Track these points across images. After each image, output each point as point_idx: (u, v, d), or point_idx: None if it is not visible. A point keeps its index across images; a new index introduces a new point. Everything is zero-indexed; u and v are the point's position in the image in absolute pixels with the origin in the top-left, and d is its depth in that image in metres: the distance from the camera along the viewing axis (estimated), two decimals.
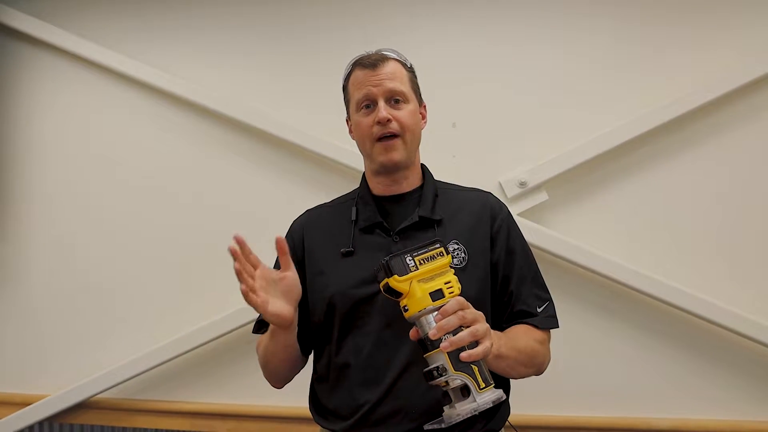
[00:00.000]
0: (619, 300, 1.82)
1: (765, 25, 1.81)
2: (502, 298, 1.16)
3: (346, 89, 1.21)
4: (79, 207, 2.15)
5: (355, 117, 1.17)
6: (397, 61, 1.17)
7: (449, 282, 0.96)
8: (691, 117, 1.81)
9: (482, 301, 1.11)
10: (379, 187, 1.20)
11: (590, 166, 1.85)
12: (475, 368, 0.91)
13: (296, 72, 2.06)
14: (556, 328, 1.18)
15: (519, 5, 1.94)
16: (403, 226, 1.13)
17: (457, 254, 1.11)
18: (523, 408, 1.41)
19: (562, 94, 1.90)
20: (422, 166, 1.24)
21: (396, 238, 1.13)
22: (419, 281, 0.94)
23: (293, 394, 1.32)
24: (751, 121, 1.80)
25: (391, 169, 1.16)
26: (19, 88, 2.21)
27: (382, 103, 1.13)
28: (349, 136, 1.24)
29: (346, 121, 1.24)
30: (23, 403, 2.06)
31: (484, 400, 0.90)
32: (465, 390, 0.91)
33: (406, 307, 0.94)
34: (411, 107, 1.16)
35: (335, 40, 2.03)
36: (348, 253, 1.14)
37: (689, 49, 1.84)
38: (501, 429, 1.14)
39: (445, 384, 0.91)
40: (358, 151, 1.22)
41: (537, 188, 1.85)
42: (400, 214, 1.16)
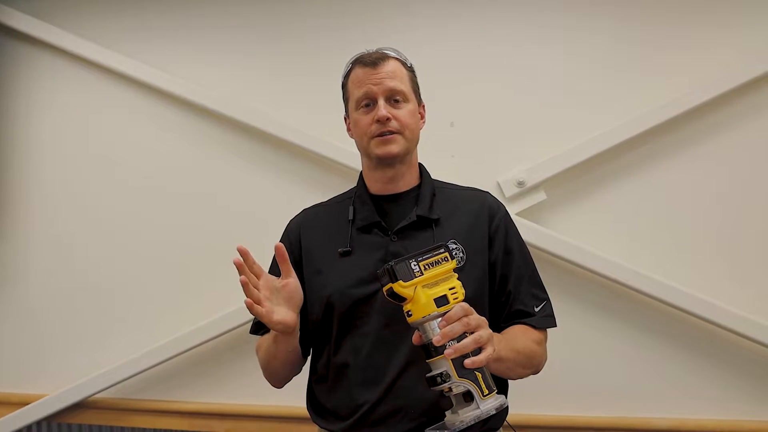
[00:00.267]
0: (618, 300, 1.82)
1: (764, 25, 1.81)
2: (500, 298, 1.16)
3: (345, 87, 1.21)
4: (77, 206, 2.15)
5: (354, 115, 1.17)
6: (397, 60, 1.17)
7: (453, 288, 0.95)
8: (691, 116, 1.81)
9: (480, 300, 1.11)
10: (376, 185, 1.20)
11: (589, 165, 1.85)
12: (478, 375, 0.90)
13: (296, 72, 2.06)
14: (554, 328, 1.18)
15: (517, 5, 1.94)
16: (401, 226, 1.13)
17: (456, 254, 1.11)
18: (522, 408, 1.42)
19: (560, 93, 1.90)
20: (420, 166, 1.24)
21: (394, 238, 1.13)
22: (423, 286, 0.93)
23: (291, 394, 1.32)
24: (751, 120, 1.80)
25: (389, 162, 1.15)
26: (18, 88, 2.20)
27: (381, 102, 1.12)
28: (347, 133, 1.23)
29: (345, 118, 1.24)
30: (21, 403, 2.06)
31: (488, 407, 0.90)
32: (468, 396, 0.91)
33: (410, 312, 0.93)
34: (410, 107, 1.16)
35: (335, 40, 2.03)
36: (346, 253, 1.14)
37: (688, 48, 1.84)
38: (499, 428, 1.14)
39: (448, 390, 0.91)
40: (357, 151, 1.22)
41: (535, 188, 1.85)
42: (397, 214, 1.16)
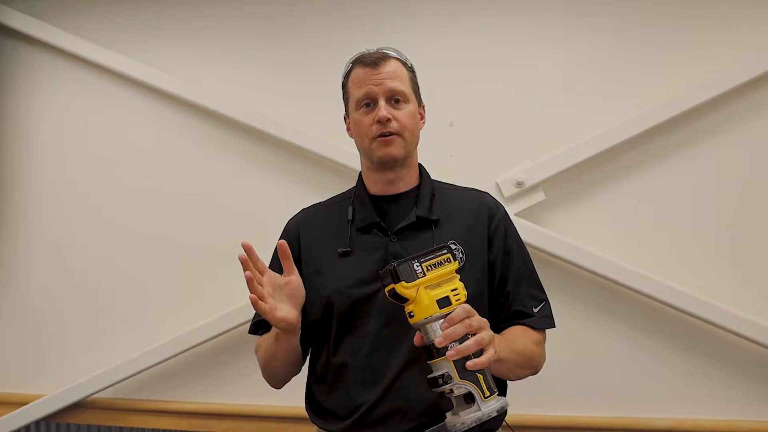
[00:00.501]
0: (617, 300, 1.82)
1: (764, 25, 1.80)
2: (499, 299, 1.16)
3: (345, 86, 1.21)
4: (77, 206, 2.14)
5: (355, 115, 1.17)
6: (398, 60, 1.17)
7: (456, 289, 0.95)
8: (690, 116, 1.81)
9: (479, 301, 1.11)
10: (376, 186, 1.19)
11: (588, 165, 1.85)
12: (480, 376, 0.91)
13: (295, 72, 2.06)
14: (553, 328, 1.18)
15: (517, 5, 1.94)
16: (400, 226, 1.13)
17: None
18: (521, 408, 1.42)
19: (560, 93, 1.90)
20: (419, 166, 1.24)
21: (393, 238, 1.13)
22: (426, 288, 0.93)
23: (290, 394, 1.32)
24: (751, 120, 1.80)
25: (389, 165, 1.15)
26: (17, 88, 2.20)
27: (382, 103, 1.12)
28: (347, 133, 1.23)
29: (344, 118, 1.24)
30: (20, 403, 2.06)
31: (489, 409, 0.90)
32: (469, 397, 0.91)
33: (412, 314, 0.93)
34: (411, 108, 1.15)
35: (334, 40, 2.03)
36: (345, 253, 1.14)
37: (688, 48, 1.84)
38: (498, 429, 1.14)
39: (449, 391, 0.91)
40: (356, 152, 1.22)
41: (534, 188, 1.85)
42: (397, 214, 1.16)
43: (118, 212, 2.12)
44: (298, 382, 1.23)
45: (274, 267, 1.12)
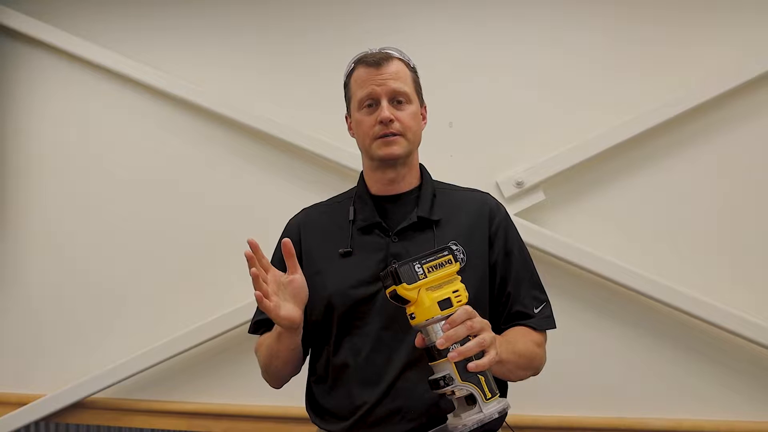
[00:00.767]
0: (617, 300, 1.82)
1: (764, 25, 1.81)
2: (500, 300, 1.16)
3: (347, 86, 1.20)
4: (77, 206, 2.14)
5: (357, 115, 1.16)
6: (401, 60, 1.16)
7: (457, 290, 0.95)
8: (690, 116, 1.81)
9: (480, 302, 1.11)
10: (377, 186, 1.19)
11: (588, 165, 1.85)
12: (481, 378, 0.90)
13: (296, 72, 2.06)
14: (554, 329, 1.18)
15: (517, 5, 1.94)
16: (401, 227, 1.13)
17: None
18: (521, 408, 1.41)
19: (560, 93, 1.90)
20: (420, 166, 1.24)
21: (394, 239, 1.13)
22: (427, 289, 0.93)
23: (288, 394, 1.32)
24: (751, 120, 1.80)
25: (391, 164, 1.15)
26: (18, 89, 2.20)
27: (385, 103, 1.12)
28: (348, 133, 1.23)
29: (346, 117, 1.24)
30: (19, 403, 2.06)
31: (490, 410, 0.89)
32: (470, 399, 0.91)
33: (413, 315, 0.93)
34: (413, 108, 1.15)
35: (334, 40, 2.03)
36: (346, 254, 1.14)
37: (688, 48, 1.84)
38: (498, 429, 1.14)
39: (451, 393, 0.91)
40: (357, 152, 1.22)
41: (534, 188, 1.85)
42: (398, 214, 1.16)
43: (118, 212, 2.12)
44: (297, 382, 1.23)
45: (274, 266, 1.12)
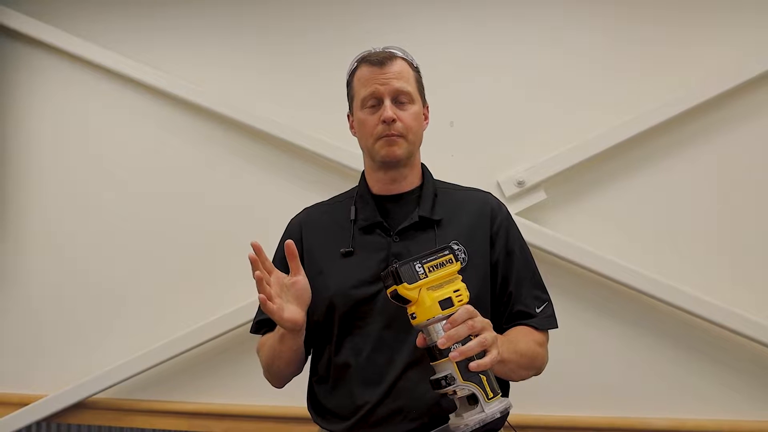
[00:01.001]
0: (617, 299, 1.82)
1: (764, 25, 1.81)
2: (502, 299, 1.16)
3: (350, 85, 1.20)
4: (77, 206, 2.14)
5: (359, 114, 1.16)
6: (404, 60, 1.16)
7: (458, 290, 0.95)
8: (690, 116, 1.81)
9: (482, 301, 1.11)
10: (378, 185, 1.19)
11: (589, 165, 1.86)
12: (483, 378, 0.90)
13: (296, 73, 2.05)
14: (555, 329, 1.18)
15: (517, 5, 1.94)
16: (403, 227, 1.13)
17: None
18: (522, 408, 1.41)
19: (560, 93, 1.90)
20: (422, 166, 1.24)
21: (396, 239, 1.13)
22: (428, 289, 0.93)
23: (289, 394, 1.32)
24: (751, 120, 1.81)
25: (392, 165, 1.15)
26: (18, 88, 2.20)
27: (388, 103, 1.12)
28: (350, 131, 1.23)
29: (348, 116, 1.24)
30: (21, 403, 2.06)
31: (492, 410, 0.89)
32: (472, 399, 0.91)
33: (414, 315, 0.93)
34: (416, 108, 1.15)
35: (335, 40, 2.03)
36: (348, 253, 1.14)
37: (688, 48, 1.85)
38: (500, 429, 1.14)
39: (452, 393, 0.91)
40: (358, 152, 1.22)
41: (535, 187, 1.85)
42: (399, 214, 1.16)
43: (118, 212, 2.11)
44: (298, 382, 1.23)
45: (275, 265, 1.12)
